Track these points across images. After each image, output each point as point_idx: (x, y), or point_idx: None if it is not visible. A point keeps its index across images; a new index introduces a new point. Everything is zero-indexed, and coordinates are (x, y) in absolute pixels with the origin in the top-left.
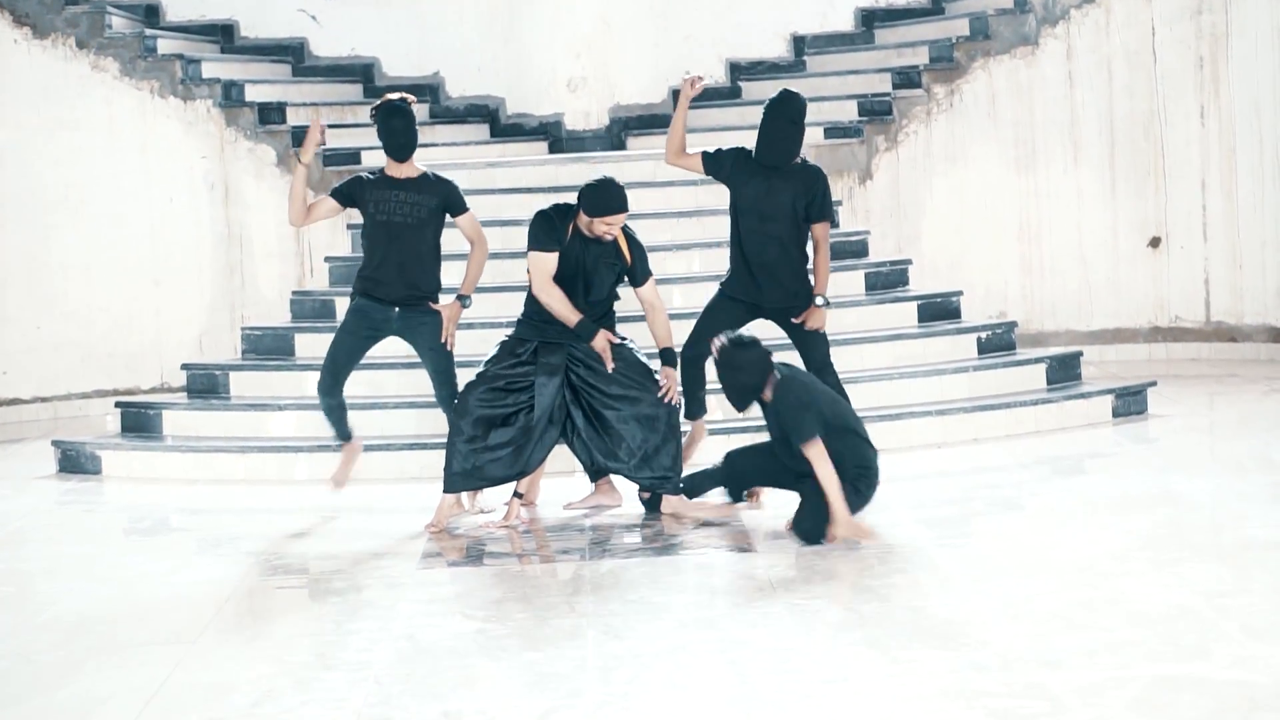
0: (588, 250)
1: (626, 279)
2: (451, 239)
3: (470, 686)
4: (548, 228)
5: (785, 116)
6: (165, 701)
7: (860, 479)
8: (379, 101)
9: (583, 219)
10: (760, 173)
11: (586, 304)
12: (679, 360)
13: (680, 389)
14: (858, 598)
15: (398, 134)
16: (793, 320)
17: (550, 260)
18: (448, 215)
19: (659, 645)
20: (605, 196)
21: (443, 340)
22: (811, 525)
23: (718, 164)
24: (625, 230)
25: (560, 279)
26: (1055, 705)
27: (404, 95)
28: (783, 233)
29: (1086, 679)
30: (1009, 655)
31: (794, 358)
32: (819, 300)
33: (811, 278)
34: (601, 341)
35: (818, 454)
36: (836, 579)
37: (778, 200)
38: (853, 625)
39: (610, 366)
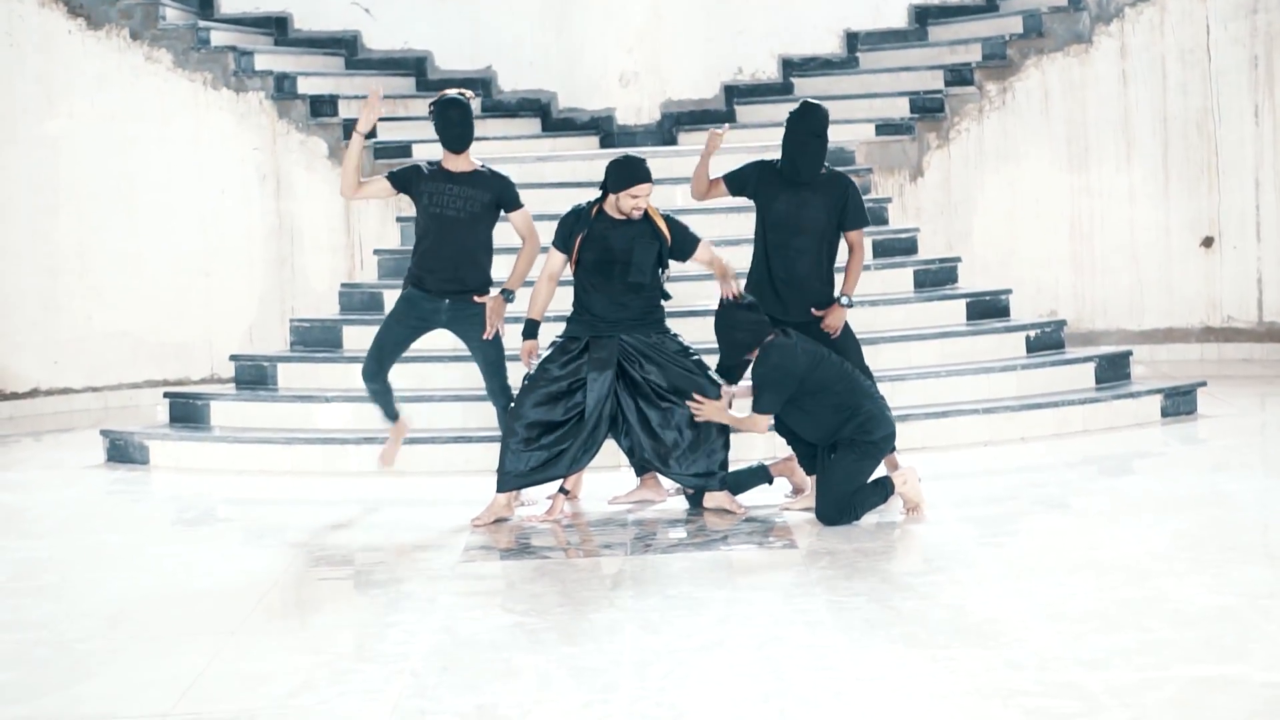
0: (619, 231)
1: (674, 259)
2: (503, 233)
3: (506, 680)
4: (562, 226)
5: (807, 130)
6: (202, 691)
7: (858, 435)
8: (436, 95)
9: (610, 200)
10: (788, 186)
11: (624, 286)
12: None
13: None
14: (897, 595)
15: (454, 125)
16: (814, 312)
17: (555, 259)
18: (501, 211)
19: (696, 640)
20: (627, 170)
21: (485, 335)
22: (828, 506)
23: (741, 182)
24: (661, 211)
25: (595, 264)
26: (1090, 705)
27: (462, 90)
28: (814, 246)
29: (1123, 679)
30: (1046, 654)
31: None
32: (843, 300)
33: (841, 280)
34: (527, 348)
35: (756, 421)
36: (876, 576)
37: (810, 213)
38: (891, 623)
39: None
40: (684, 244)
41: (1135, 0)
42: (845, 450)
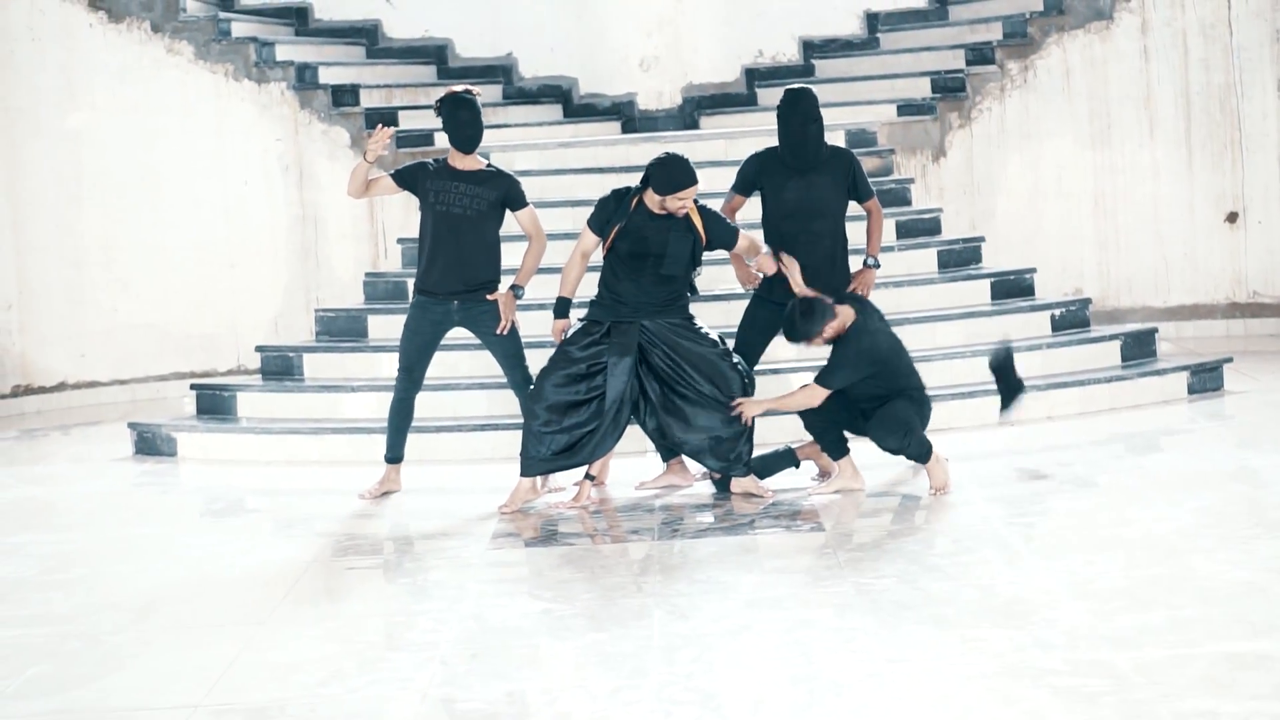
0: (655, 225)
1: (715, 249)
2: (509, 225)
3: (535, 666)
4: (601, 209)
5: (804, 116)
6: (232, 680)
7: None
8: (444, 94)
9: (652, 197)
10: (793, 173)
11: (658, 278)
12: None
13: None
14: (925, 576)
15: (465, 126)
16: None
17: (588, 239)
18: (507, 210)
19: (724, 625)
20: (674, 173)
21: (500, 331)
22: (888, 424)
23: (748, 183)
24: (698, 205)
25: (629, 255)
26: (1120, 683)
27: (468, 87)
28: (830, 229)
29: (1152, 657)
30: (1075, 633)
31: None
32: (870, 261)
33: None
34: (558, 326)
35: (815, 393)
36: (904, 558)
37: (820, 194)
38: (919, 604)
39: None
40: (724, 236)
41: None
42: (902, 398)
